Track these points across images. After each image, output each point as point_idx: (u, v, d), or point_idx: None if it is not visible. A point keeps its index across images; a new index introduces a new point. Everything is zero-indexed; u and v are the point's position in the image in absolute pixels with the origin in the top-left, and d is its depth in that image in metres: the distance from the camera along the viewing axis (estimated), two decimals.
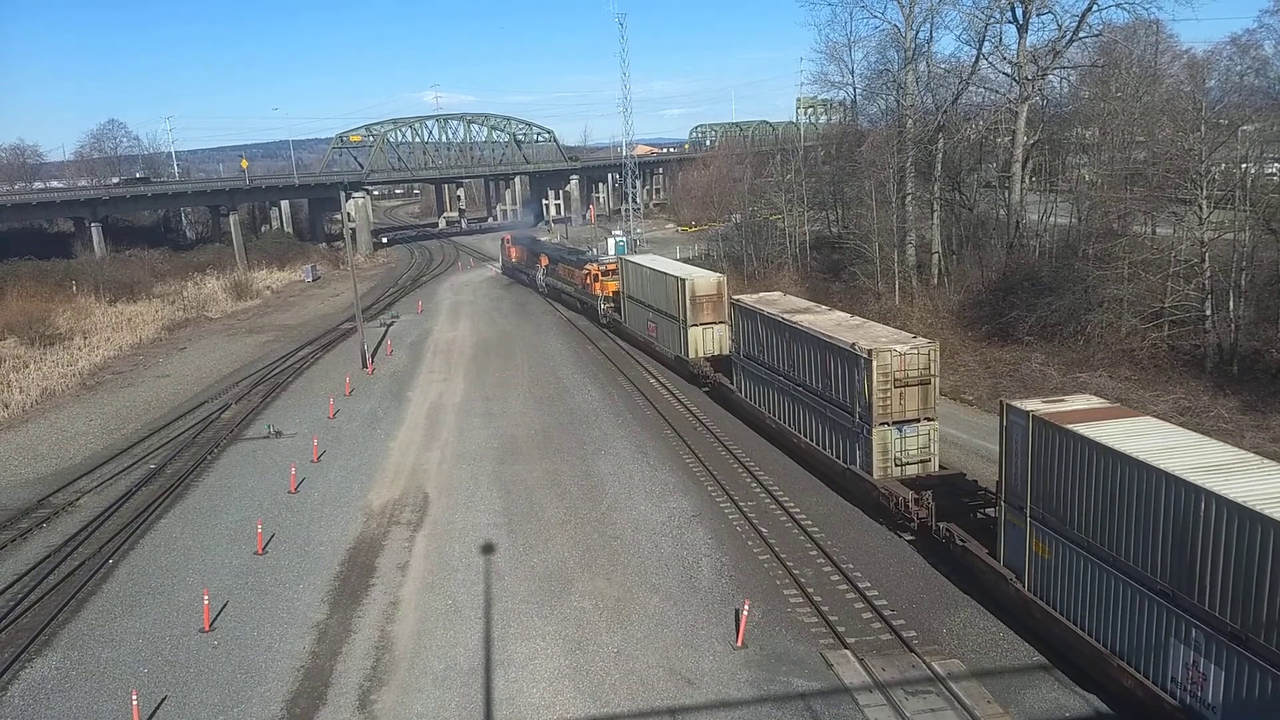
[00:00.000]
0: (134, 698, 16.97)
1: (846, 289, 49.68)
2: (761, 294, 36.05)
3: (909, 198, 50.06)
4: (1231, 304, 32.25)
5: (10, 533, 26.59)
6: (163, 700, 17.65)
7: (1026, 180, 48.58)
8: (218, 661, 19.00)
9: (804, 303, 33.59)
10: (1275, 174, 40.83)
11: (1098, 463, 15.84)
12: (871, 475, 24.57)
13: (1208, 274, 32.56)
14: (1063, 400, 18.68)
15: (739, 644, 18.64)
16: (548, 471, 29.82)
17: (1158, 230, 38.75)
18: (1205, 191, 32.42)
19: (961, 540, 20.65)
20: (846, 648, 18.40)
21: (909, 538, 23.27)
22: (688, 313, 40.06)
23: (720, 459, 30.26)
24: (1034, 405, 18.17)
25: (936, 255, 48.81)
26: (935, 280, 47.87)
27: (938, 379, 24.73)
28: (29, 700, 17.98)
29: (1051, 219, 46.56)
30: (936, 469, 24.84)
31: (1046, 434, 17.19)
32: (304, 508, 27.64)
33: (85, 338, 56.46)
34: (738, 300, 34.13)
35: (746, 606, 19.29)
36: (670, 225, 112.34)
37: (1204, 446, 15.86)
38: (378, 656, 18.99)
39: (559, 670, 18.12)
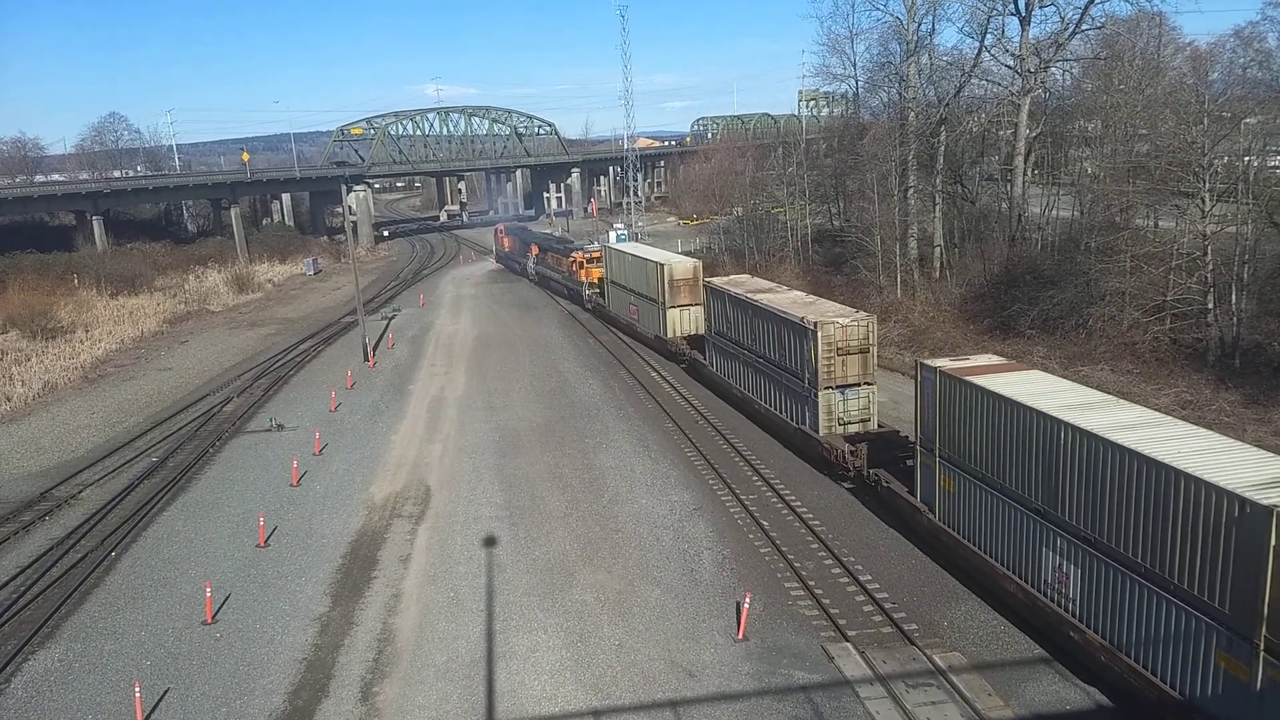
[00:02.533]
0: (137, 689, 17.03)
1: (848, 282, 49.58)
2: (731, 276, 38.81)
3: (911, 191, 49.92)
4: (1234, 297, 32.18)
5: (13, 525, 26.66)
6: (165, 692, 17.72)
7: (1029, 173, 48.41)
8: (220, 653, 19.06)
9: (768, 284, 35.88)
10: (1278, 167, 40.68)
11: (989, 406, 18.76)
12: (818, 433, 27.53)
13: (1210, 267, 32.49)
14: (967, 358, 21.70)
15: (740, 637, 18.68)
16: (549, 464, 29.85)
17: (1160, 223, 38.59)
18: (1208, 184, 32.34)
19: (887, 482, 23.85)
20: (847, 640, 18.43)
21: (848, 485, 26.18)
22: (666, 295, 42.74)
23: (722, 452, 30.28)
24: (942, 363, 21.10)
25: (938, 248, 48.71)
26: (937, 273, 47.79)
27: (875, 348, 27.89)
28: (32, 692, 18.05)
29: (1054, 212, 46.41)
30: (875, 427, 27.77)
31: (951, 386, 20.10)
32: (306, 500, 27.69)
33: (87, 331, 56.51)
34: (709, 282, 36.70)
35: (748, 599, 19.32)
36: (672, 218, 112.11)
37: (1073, 391, 18.88)
38: (380, 649, 19.04)
39: (561, 663, 18.17)
